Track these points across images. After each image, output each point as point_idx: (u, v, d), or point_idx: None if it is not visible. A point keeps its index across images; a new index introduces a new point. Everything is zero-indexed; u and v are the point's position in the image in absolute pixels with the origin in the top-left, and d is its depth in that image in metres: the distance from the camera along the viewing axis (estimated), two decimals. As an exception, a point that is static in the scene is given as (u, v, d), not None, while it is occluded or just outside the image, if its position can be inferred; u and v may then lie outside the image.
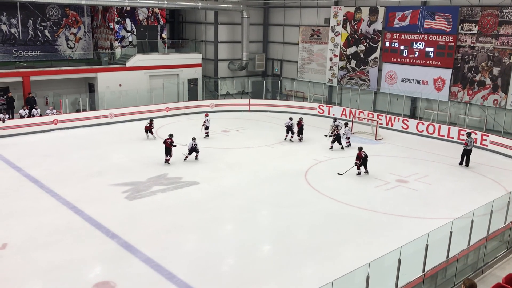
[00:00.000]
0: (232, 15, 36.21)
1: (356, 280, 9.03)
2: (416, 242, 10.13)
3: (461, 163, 21.56)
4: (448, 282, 10.22)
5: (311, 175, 19.72)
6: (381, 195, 17.69)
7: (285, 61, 37.32)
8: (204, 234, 14.25)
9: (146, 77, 32.41)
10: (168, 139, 20.57)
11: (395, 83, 29.99)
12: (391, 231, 14.59)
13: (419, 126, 27.25)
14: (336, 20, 32.61)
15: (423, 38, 28.18)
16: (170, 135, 20.72)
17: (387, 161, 22.15)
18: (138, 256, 12.66)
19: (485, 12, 25.43)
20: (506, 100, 25.18)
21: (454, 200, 17.33)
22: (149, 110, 30.02)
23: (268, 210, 16.28)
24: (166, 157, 20.51)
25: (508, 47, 24.77)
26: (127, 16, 33.27)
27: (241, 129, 27.93)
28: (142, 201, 16.53)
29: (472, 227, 11.42)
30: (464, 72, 26.80)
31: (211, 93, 35.89)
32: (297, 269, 12.33)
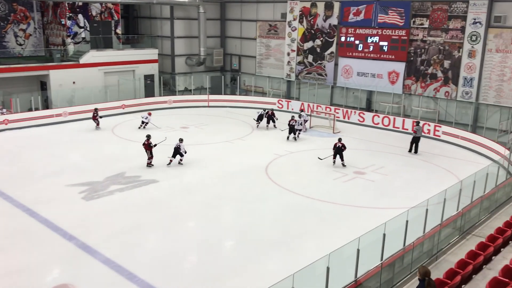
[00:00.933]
0: (188, 10, 35.84)
1: (317, 272, 9.17)
2: (374, 232, 10.38)
3: (410, 150, 22.72)
4: (405, 269, 10.54)
5: (272, 169, 19.86)
6: (340, 187, 18.03)
7: (244, 56, 37.31)
8: (165, 232, 14.11)
9: (100, 74, 31.64)
10: (145, 140, 19.80)
11: (351, 77, 30.56)
12: (350, 222, 14.91)
13: (375, 118, 27.91)
14: (292, 15, 32.86)
15: (377, 33, 28.83)
16: (148, 136, 20.03)
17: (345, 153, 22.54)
18: (97, 257, 12.40)
19: (435, 7, 26.27)
20: (456, 92, 26.15)
21: (409, 190, 17.88)
22: (104, 107, 29.29)
23: (230, 206, 16.28)
24: (147, 160, 19.76)
25: (457, 40, 25.70)
26: (80, 12, 32.30)
27: (201, 125, 27.75)
28: (100, 201, 16.18)
29: (427, 216, 11.81)
30: (417, 65, 27.62)
31: (169, 89, 35.46)
32: (260, 263, 12.42)
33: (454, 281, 8.03)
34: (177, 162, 20.11)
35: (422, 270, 8.08)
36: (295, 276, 8.07)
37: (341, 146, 20.21)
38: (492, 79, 24.79)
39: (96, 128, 25.94)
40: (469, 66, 25.43)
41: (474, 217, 13.21)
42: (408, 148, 22.82)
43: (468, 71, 25.55)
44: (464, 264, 8.80)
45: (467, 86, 25.69)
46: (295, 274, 8.10)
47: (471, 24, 24.96)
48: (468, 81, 25.64)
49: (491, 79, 24.85)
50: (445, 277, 7.93)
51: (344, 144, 20.39)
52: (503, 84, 24.44)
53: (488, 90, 25.06)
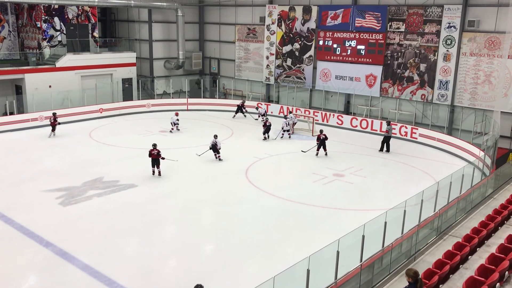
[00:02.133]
0: (167, 13, 35.67)
1: (297, 274, 9.21)
2: (353, 233, 10.48)
3: (381, 149, 23.52)
4: (384, 270, 10.64)
5: (252, 172, 19.87)
6: (319, 190, 18.14)
7: (222, 59, 37.29)
8: (145, 237, 13.98)
9: (77, 77, 31.21)
10: (152, 149, 18.78)
11: (330, 81, 30.82)
12: (330, 224, 15.01)
13: (353, 121, 28.20)
14: (271, 19, 33.00)
15: (355, 36, 29.16)
16: (154, 145, 19.05)
17: (324, 156, 22.73)
18: (75, 263, 12.21)
19: (411, 11, 26.71)
20: (432, 95, 26.61)
21: (388, 191, 18.10)
22: (81, 111, 28.97)
23: (210, 210, 16.23)
24: (153, 169, 18.86)
25: (433, 44, 26.18)
26: (56, 15, 31.83)
27: (180, 129, 27.60)
28: (78, 206, 15.94)
29: (405, 217, 11.98)
30: (394, 68, 28.02)
31: (147, 93, 35.20)
32: (240, 267, 12.40)
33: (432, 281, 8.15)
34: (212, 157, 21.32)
35: (411, 272, 7.79)
36: (275, 279, 8.09)
37: (324, 138, 21.88)
38: (467, 82, 25.31)
39: (50, 136, 24.75)
40: (445, 69, 25.92)
41: (451, 217, 13.44)
42: (379, 148, 23.53)
43: (443, 74, 26.03)
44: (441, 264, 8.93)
45: (443, 89, 26.17)
46: (276, 277, 8.12)
47: (446, 28, 25.47)
48: (443, 84, 26.13)
49: (465, 82, 25.36)
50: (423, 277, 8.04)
51: (326, 135, 22.13)
52: (477, 87, 24.98)
53: (463, 93, 25.57)
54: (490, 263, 8.55)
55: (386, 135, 23.41)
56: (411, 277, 7.69)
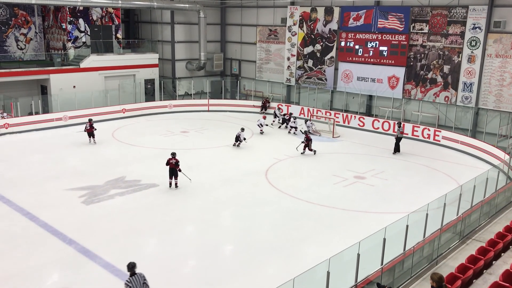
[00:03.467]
0: (189, 15, 35.94)
1: (317, 276, 9.17)
2: (374, 236, 10.38)
3: (395, 151, 23.53)
4: (405, 274, 10.53)
5: (272, 174, 19.86)
6: (339, 192, 18.02)
7: (244, 61, 37.39)
8: (165, 236, 14.10)
9: (101, 78, 31.69)
10: (171, 159, 17.64)
11: (351, 82, 30.61)
12: (350, 227, 14.90)
13: (375, 123, 27.94)
14: (292, 20, 32.95)
15: (377, 38, 28.91)
16: (173, 153, 17.83)
17: (345, 158, 22.59)
18: (97, 261, 12.39)
19: (434, 12, 26.35)
20: (456, 97, 26.19)
21: (409, 194, 17.87)
22: (104, 111, 29.39)
23: (230, 211, 16.28)
24: (170, 180, 17.78)
25: (457, 45, 25.77)
26: (80, 16, 32.41)
27: (201, 129, 27.78)
28: (100, 205, 16.17)
29: (427, 220, 11.81)
30: (417, 70, 27.67)
31: (169, 94, 35.51)
32: (260, 268, 12.40)
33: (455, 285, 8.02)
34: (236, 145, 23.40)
35: (436, 277, 7.60)
36: (295, 281, 8.07)
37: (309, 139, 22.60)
38: (492, 84, 24.84)
39: (91, 142, 23.80)
40: (469, 71, 25.49)
41: (474, 221, 13.21)
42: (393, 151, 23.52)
43: (467, 76, 25.60)
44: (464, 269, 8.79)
45: (467, 91, 25.74)
46: (295, 279, 8.10)
47: (471, 29, 25.04)
48: (467, 86, 25.69)
49: (490, 84, 24.89)
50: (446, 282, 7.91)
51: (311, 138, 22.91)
52: (503, 89, 24.49)
53: (488, 95, 25.10)
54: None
55: (399, 136, 23.44)
56: (436, 281, 7.55)
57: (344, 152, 23.59)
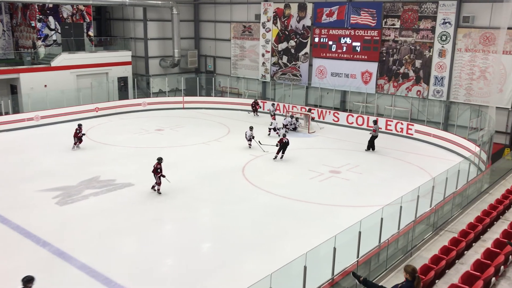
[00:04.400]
0: (162, 12, 35.59)
1: (294, 271, 9.24)
2: (349, 230, 10.51)
3: (368, 148, 23.12)
4: (380, 266, 10.68)
5: (249, 170, 19.89)
6: (316, 187, 18.17)
7: (218, 57, 37.25)
8: (142, 236, 13.98)
9: (73, 76, 31.13)
10: (156, 164, 16.91)
11: (325, 78, 30.84)
12: (326, 221, 15.05)
13: (349, 118, 28.24)
14: (266, 16, 32.98)
15: (350, 33, 29.18)
16: (159, 159, 17.10)
17: (320, 153, 22.78)
18: (72, 263, 12.20)
19: (406, 7, 26.74)
20: (428, 91, 26.68)
21: (384, 188, 18.15)
22: (77, 111, 28.91)
23: (207, 208, 16.24)
24: (157, 186, 17.05)
25: (428, 40, 26.22)
26: (50, 14, 31.73)
27: (176, 127, 27.59)
28: (74, 206, 15.92)
29: (401, 213, 12.02)
30: (389, 65, 28.06)
31: (143, 91, 35.13)
32: (238, 264, 12.42)
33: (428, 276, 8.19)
34: None
35: (409, 269, 7.65)
36: (272, 276, 8.11)
37: (286, 142, 21.20)
38: (462, 78, 25.38)
39: (74, 148, 22.57)
40: (440, 65, 25.98)
41: (447, 213, 13.50)
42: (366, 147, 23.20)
43: (438, 70, 26.10)
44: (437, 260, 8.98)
45: (438, 85, 26.24)
46: (273, 274, 8.14)
47: (441, 24, 25.52)
48: (439, 80, 26.19)
49: (461, 78, 25.44)
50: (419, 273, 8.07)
51: (289, 141, 21.48)
52: (473, 83, 25.05)
53: (458, 89, 25.64)
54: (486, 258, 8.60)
55: (374, 135, 23.09)
56: (409, 273, 7.67)
57: (319, 147, 23.78)
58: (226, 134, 25.97)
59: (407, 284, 7.72)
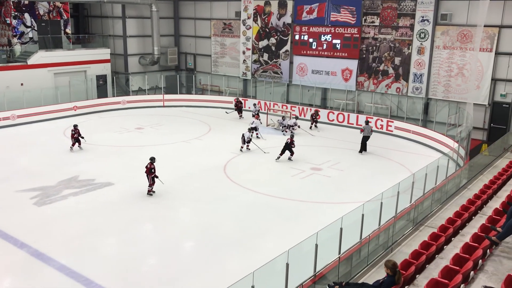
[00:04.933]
0: (141, 9, 35.20)
1: (276, 268, 9.24)
2: (331, 226, 10.56)
3: (361, 151, 22.40)
4: (362, 262, 10.76)
5: (230, 168, 19.82)
6: (297, 184, 18.22)
7: (199, 55, 37.04)
8: (123, 236, 13.82)
9: (50, 74, 30.58)
10: (149, 164, 16.58)
11: (306, 75, 30.93)
12: (308, 218, 15.10)
13: (330, 115, 28.38)
14: (246, 14, 32.90)
15: (330, 31, 29.31)
16: (152, 158, 16.76)
17: (302, 150, 22.81)
18: (51, 264, 11.99)
19: (385, 5, 26.97)
20: (407, 88, 26.97)
21: (364, 184, 18.29)
22: (55, 109, 28.44)
23: (188, 207, 16.13)
24: (148, 187, 16.72)
25: (407, 38, 26.50)
26: (26, 11, 31.09)
27: (156, 125, 27.35)
28: (53, 206, 15.65)
29: (382, 209, 12.12)
30: (369, 62, 28.28)
31: (122, 89, 34.73)
32: (220, 262, 12.37)
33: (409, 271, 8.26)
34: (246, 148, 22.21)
35: (390, 264, 7.72)
36: (255, 274, 8.09)
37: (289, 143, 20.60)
38: (441, 75, 25.73)
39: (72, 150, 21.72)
40: (419, 62, 26.29)
41: (427, 208, 13.65)
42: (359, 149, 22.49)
43: (417, 67, 26.40)
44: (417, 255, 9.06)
45: (417, 82, 26.55)
46: (255, 272, 8.12)
47: (420, 21, 25.81)
48: (418, 77, 26.50)
49: (439, 75, 25.78)
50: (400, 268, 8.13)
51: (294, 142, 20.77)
52: (451, 80, 25.41)
53: (437, 86, 25.98)
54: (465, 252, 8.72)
55: (364, 135, 22.31)
56: (390, 268, 7.74)
57: (300, 145, 23.78)
58: (207, 132, 25.85)
59: (388, 279, 7.78)
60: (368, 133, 22.38)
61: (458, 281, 7.25)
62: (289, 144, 20.65)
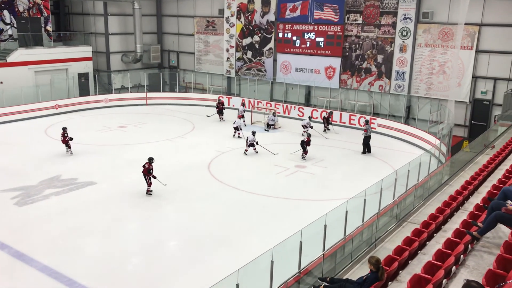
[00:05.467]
0: (123, 6, 34.85)
1: (261, 266, 9.25)
2: (315, 223, 10.61)
3: (364, 151, 22.08)
4: (346, 259, 10.81)
5: (215, 166, 19.77)
6: (282, 181, 18.26)
7: (182, 52, 36.84)
8: (106, 235, 13.69)
9: (31, 73, 30.09)
10: (146, 164, 16.35)
11: (290, 73, 30.99)
12: (293, 215, 15.15)
13: (314, 113, 28.46)
14: (230, 11, 32.80)
15: (314, 29, 29.39)
16: (150, 159, 16.52)
17: (286, 148, 22.86)
18: (33, 265, 11.83)
19: (367, 3, 27.14)
20: (390, 85, 27.21)
21: (348, 181, 18.42)
22: (36, 108, 28.01)
23: (173, 206, 16.05)
24: (147, 187, 16.54)
25: (389, 35, 26.71)
26: (5, 7, 30.51)
27: (139, 124, 27.14)
28: (34, 206, 15.43)
29: (365, 206, 12.23)
30: (352, 60, 28.45)
31: (105, 88, 34.36)
32: (205, 261, 12.34)
33: (392, 267, 8.33)
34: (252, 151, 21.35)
35: (373, 260, 7.74)
36: (239, 272, 8.09)
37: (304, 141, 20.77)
38: (422, 72, 26.01)
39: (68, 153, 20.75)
40: (401, 60, 26.53)
41: (409, 205, 13.78)
42: (362, 150, 22.11)
43: (400, 65, 26.64)
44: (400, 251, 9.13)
45: (400, 80, 26.80)
46: (240, 270, 8.13)
47: (402, 19, 26.04)
48: (400, 75, 26.75)
49: (421, 72, 26.06)
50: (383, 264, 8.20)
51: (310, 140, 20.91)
52: (432, 77, 25.71)
53: (419, 83, 26.26)
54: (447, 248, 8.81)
55: (366, 135, 22.00)
56: (373, 264, 7.79)
57: (285, 142, 23.88)
58: (191, 131, 25.73)
59: (371, 276, 7.84)
60: (370, 133, 22.20)
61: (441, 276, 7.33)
62: (305, 142, 20.74)
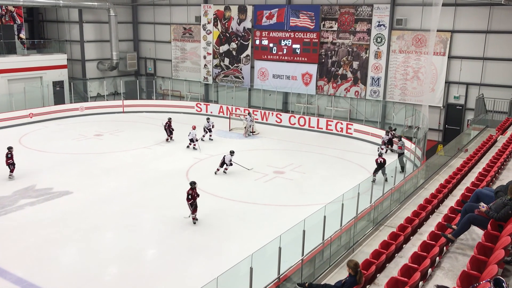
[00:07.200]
0: (98, 13, 34.53)
1: (240, 273, 9.24)
2: (294, 229, 10.65)
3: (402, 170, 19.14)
4: (324, 264, 10.89)
5: (193, 173, 19.68)
6: (260, 187, 18.29)
7: (159, 60, 36.66)
8: (82, 245, 13.48)
9: (3, 81, 29.53)
10: (190, 190, 14.79)
11: (267, 79, 31.14)
12: (272, 221, 15.17)
13: (291, 119, 28.67)
14: (207, 19, 32.83)
15: (290, 36, 29.64)
16: (192, 183, 14.92)
17: (264, 154, 22.96)
18: (7, 277, 11.55)
19: (343, 10, 27.53)
20: (365, 91, 27.59)
21: (326, 186, 18.56)
22: (10, 117, 27.45)
23: (150, 214, 15.88)
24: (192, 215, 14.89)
25: (364, 42, 27.12)
26: (-23, 15, 29.96)
27: (116, 131, 26.85)
28: (8, 217, 15.09)
29: (343, 210, 12.33)
30: (328, 66, 28.76)
31: (80, 96, 33.92)
32: (184, 269, 12.26)
33: (370, 271, 8.42)
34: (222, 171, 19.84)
35: (351, 264, 7.82)
36: (218, 280, 8.07)
37: (382, 162, 18.42)
38: (397, 78, 26.46)
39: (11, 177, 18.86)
40: (376, 66, 26.95)
41: (386, 208, 13.97)
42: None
43: (375, 71, 27.06)
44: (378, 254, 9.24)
45: (375, 85, 27.20)
46: (219, 277, 8.10)
47: (376, 26, 26.48)
48: (375, 81, 27.16)
49: (396, 78, 26.51)
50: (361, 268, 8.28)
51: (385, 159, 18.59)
52: (407, 83, 26.17)
53: (394, 89, 26.70)
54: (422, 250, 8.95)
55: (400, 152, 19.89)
56: (352, 268, 7.87)
57: (263, 149, 23.96)
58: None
59: (350, 279, 7.92)
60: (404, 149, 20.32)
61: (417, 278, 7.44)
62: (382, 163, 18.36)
